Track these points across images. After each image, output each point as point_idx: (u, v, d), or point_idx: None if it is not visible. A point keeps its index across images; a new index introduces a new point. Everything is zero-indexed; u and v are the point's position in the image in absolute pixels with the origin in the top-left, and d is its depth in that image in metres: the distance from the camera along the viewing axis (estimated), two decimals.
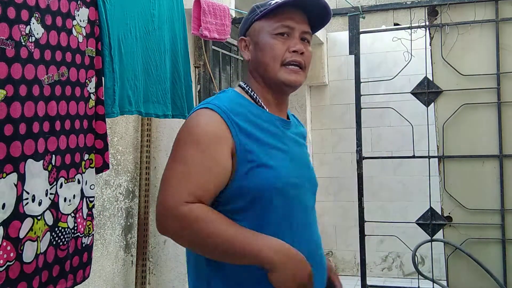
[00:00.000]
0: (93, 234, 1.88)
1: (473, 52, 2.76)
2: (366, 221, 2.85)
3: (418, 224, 2.85)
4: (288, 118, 1.44)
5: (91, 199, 1.87)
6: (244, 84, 1.41)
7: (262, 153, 1.26)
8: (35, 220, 1.57)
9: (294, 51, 1.34)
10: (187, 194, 1.20)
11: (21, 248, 1.51)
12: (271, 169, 1.26)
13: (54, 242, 1.67)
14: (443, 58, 2.77)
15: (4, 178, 1.45)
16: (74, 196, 1.76)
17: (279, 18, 1.35)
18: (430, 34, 2.83)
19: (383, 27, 5.30)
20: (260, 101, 1.37)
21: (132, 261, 2.77)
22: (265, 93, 1.38)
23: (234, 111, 1.28)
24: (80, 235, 1.81)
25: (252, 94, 1.38)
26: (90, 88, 1.83)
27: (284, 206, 1.28)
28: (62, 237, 1.71)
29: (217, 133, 1.24)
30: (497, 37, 2.71)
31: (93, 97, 1.84)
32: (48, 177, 1.63)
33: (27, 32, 1.53)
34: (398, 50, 3.04)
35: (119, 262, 2.66)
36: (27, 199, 1.53)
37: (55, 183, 1.67)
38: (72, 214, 1.76)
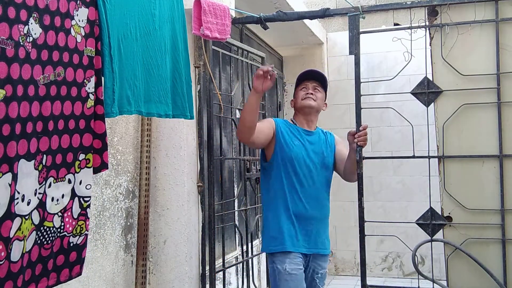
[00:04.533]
0: (86, 234, 1.87)
1: (473, 52, 2.76)
2: (366, 221, 2.85)
3: (418, 224, 2.85)
4: (311, 129, 2.74)
5: (86, 198, 1.86)
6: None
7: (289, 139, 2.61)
8: (23, 220, 1.57)
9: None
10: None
11: (10, 248, 1.51)
12: (290, 147, 2.60)
13: (39, 241, 1.68)
14: (443, 58, 2.77)
15: (0, 178, 1.45)
16: (62, 195, 1.76)
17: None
18: (430, 34, 2.83)
19: (383, 27, 5.30)
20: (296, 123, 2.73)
21: (132, 261, 2.77)
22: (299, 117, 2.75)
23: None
24: (68, 235, 1.80)
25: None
26: (89, 88, 1.82)
27: (293, 167, 2.59)
28: (46, 236, 1.71)
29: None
30: (497, 37, 2.71)
31: (92, 97, 1.83)
32: (38, 177, 1.63)
33: (25, 32, 1.53)
34: (398, 50, 3.03)
35: (119, 262, 2.66)
36: (17, 198, 1.54)
37: (44, 182, 1.67)
38: (59, 214, 1.75)
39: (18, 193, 1.54)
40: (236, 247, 4.03)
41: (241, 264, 3.60)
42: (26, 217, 1.59)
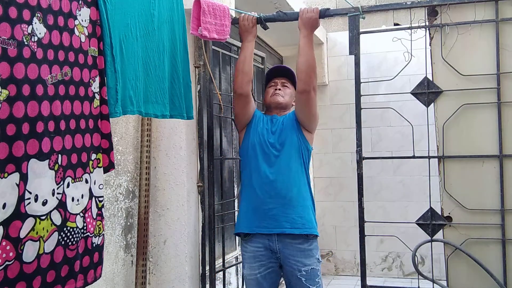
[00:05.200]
0: (103, 234, 1.88)
1: (473, 52, 2.76)
2: (366, 221, 2.85)
3: (418, 224, 2.85)
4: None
5: (100, 198, 1.86)
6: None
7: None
8: (38, 220, 1.56)
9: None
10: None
11: (21, 248, 1.51)
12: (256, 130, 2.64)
13: (63, 242, 1.67)
14: (443, 58, 2.77)
15: (5, 178, 1.45)
16: (82, 195, 1.76)
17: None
18: (430, 34, 2.83)
19: (383, 27, 5.30)
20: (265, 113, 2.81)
21: (132, 261, 2.77)
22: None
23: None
24: (90, 235, 1.80)
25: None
26: (95, 88, 1.83)
27: (254, 152, 2.59)
28: (71, 237, 1.70)
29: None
30: (497, 37, 2.71)
31: (97, 96, 1.84)
32: (55, 177, 1.63)
33: (29, 31, 1.53)
34: (398, 50, 3.03)
35: (119, 262, 2.66)
36: (29, 199, 1.53)
37: (62, 182, 1.66)
38: (81, 214, 1.75)
39: (30, 193, 1.53)
40: (236, 247, 4.04)
41: (241, 264, 3.60)
42: (43, 218, 1.58)
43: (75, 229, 1.72)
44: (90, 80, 1.81)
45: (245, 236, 2.61)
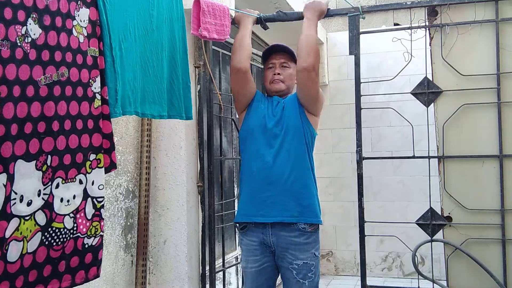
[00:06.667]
0: (101, 235, 1.86)
1: (473, 52, 2.76)
2: (366, 221, 2.85)
3: (418, 224, 2.85)
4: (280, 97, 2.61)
5: (99, 199, 1.85)
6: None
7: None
8: (22, 221, 1.57)
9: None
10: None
11: (6, 248, 1.51)
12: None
13: (47, 242, 1.67)
14: (443, 58, 2.77)
15: None
16: (74, 196, 1.76)
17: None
18: (430, 34, 2.83)
19: (383, 27, 5.30)
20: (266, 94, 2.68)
21: (132, 261, 2.77)
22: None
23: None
24: (82, 236, 1.79)
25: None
26: (95, 88, 1.83)
27: (253, 137, 2.50)
28: (56, 237, 1.70)
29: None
30: (497, 37, 2.70)
31: (98, 96, 1.84)
32: (42, 178, 1.63)
33: (23, 32, 1.53)
34: (398, 50, 3.03)
35: (119, 262, 2.66)
36: (14, 199, 1.53)
37: (50, 183, 1.66)
38: (71, 215, 1.75)
39: (15, 193, 1.54)
40: (236, 247, 4.03)
41: (241, 264, 3.60)
42: (27, 218, 1.59)
43: (62, 229, 1.72)
44: (90, 80, 1.80)
45: (241, 228, 2.54)
